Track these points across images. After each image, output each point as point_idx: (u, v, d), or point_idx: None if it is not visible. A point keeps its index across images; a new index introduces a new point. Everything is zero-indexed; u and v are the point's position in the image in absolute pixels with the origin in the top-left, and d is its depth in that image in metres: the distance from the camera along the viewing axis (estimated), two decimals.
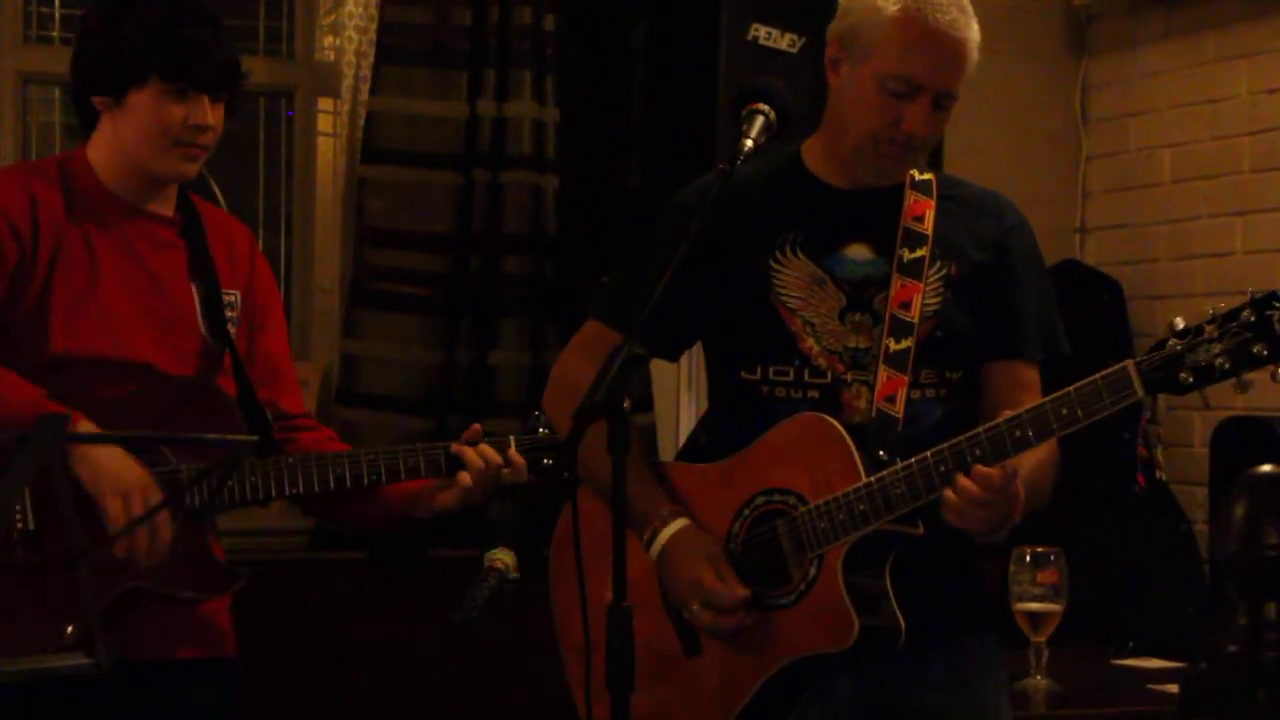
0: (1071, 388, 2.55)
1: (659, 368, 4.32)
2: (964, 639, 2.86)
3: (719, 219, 2.71)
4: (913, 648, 2.71)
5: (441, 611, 2.52)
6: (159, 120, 2.99)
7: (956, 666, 2.84)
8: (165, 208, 3.10)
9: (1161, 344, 2.52)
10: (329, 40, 4.78)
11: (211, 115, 3.02)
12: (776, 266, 2.80)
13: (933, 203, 2.83)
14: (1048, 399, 2.58)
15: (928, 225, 2.81)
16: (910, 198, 2.83)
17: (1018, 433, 2.58)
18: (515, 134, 4.56)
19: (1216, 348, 2.48)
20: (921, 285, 2.78)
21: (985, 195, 2.92)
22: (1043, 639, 3.71)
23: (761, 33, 4.24)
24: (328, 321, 4.80)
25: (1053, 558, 3.72)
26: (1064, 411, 2.55)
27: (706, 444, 2.91)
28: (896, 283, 2.78)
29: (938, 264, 2.80)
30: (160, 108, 2.99)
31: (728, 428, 2.85)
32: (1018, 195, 2.97)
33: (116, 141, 3.03)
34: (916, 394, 2.77)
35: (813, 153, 2.87)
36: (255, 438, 2.87)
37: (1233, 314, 2.48)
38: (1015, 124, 5.20)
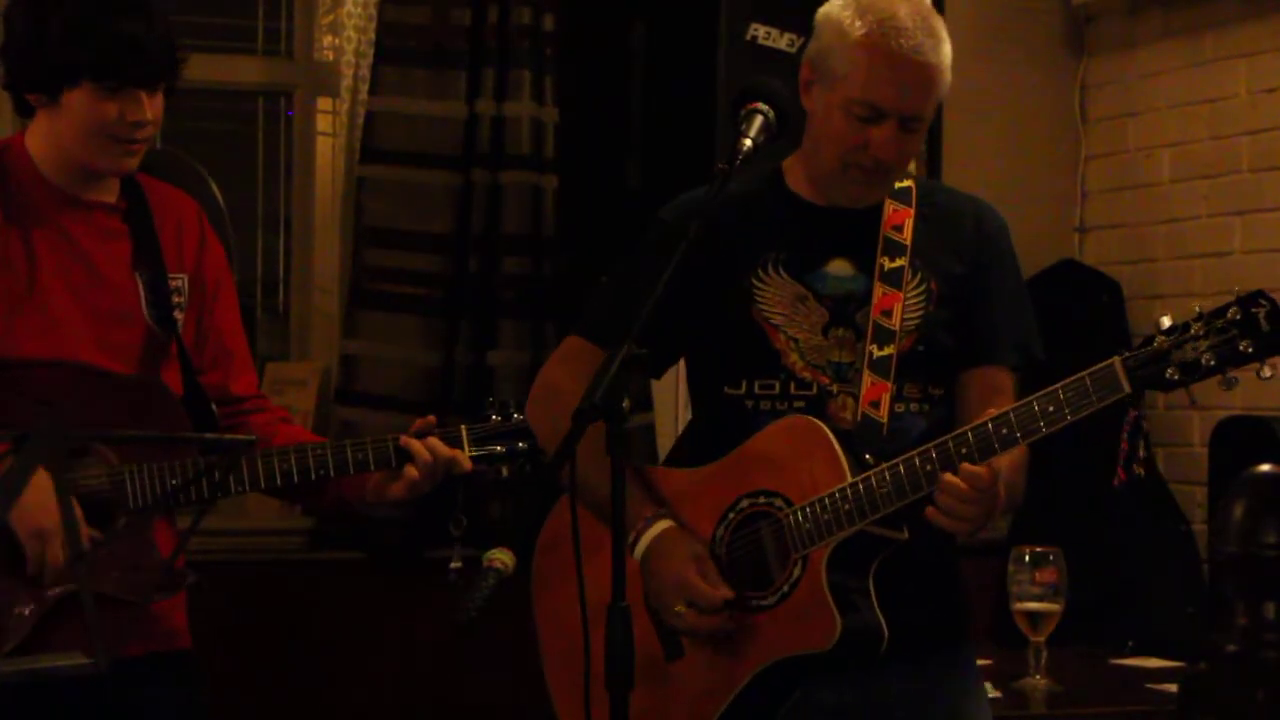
0: (1058, 385, 2.55)
1: None
2: (944, 651, 2.86)
3: (704, 233, 2.72)
4: (893, 658, 2.71)
5: (441, 611, 2.52)
6: (95, 119, 2.93)
7: (936, 678, 2.83)
8: (108, 195, 3.05)
9: (1148, 340, 2.52)
10: (328, 40, 4.78)
11: (149, 109, 2.95)
12: (758, 284, 2.80)
13: (911, 211, 2.83)
14: (1034, 396, 2.58)
15: (906, 235, 2.81)
16: (889, 207, 2.83)
17: (1004, 431, 2.58)
18: (514, 134, 4.57)
19: (1203, 344, 2.49)
20: (901, 295, 2.78)
21: (963, 201, 2.91)
22: (1042, 639, 3.71)
23: (760, 33, 4.24)
24: (328, 321, 4.80)
25: (1052, 558, 3.72)
26: (1050, 409, 2.55)
27: (690, 456, 2.90)
28: (878, 290, 2.78)
29: (918, 276, 2.80)
30: (95, 106, 2.92)
31: (713, 441, 2.84)
32: (1017, 195, 2.98)
33: (54, 136, 2.97)
34: (901, 407, 2.78)
35: (793, 171, 2.87)
36: (252, 439, 2.86)
37: (1219, 312, 2.49)
38: (1015, 124, 5.20)
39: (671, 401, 4.49)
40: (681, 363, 2.97)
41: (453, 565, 3.15)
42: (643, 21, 4.62)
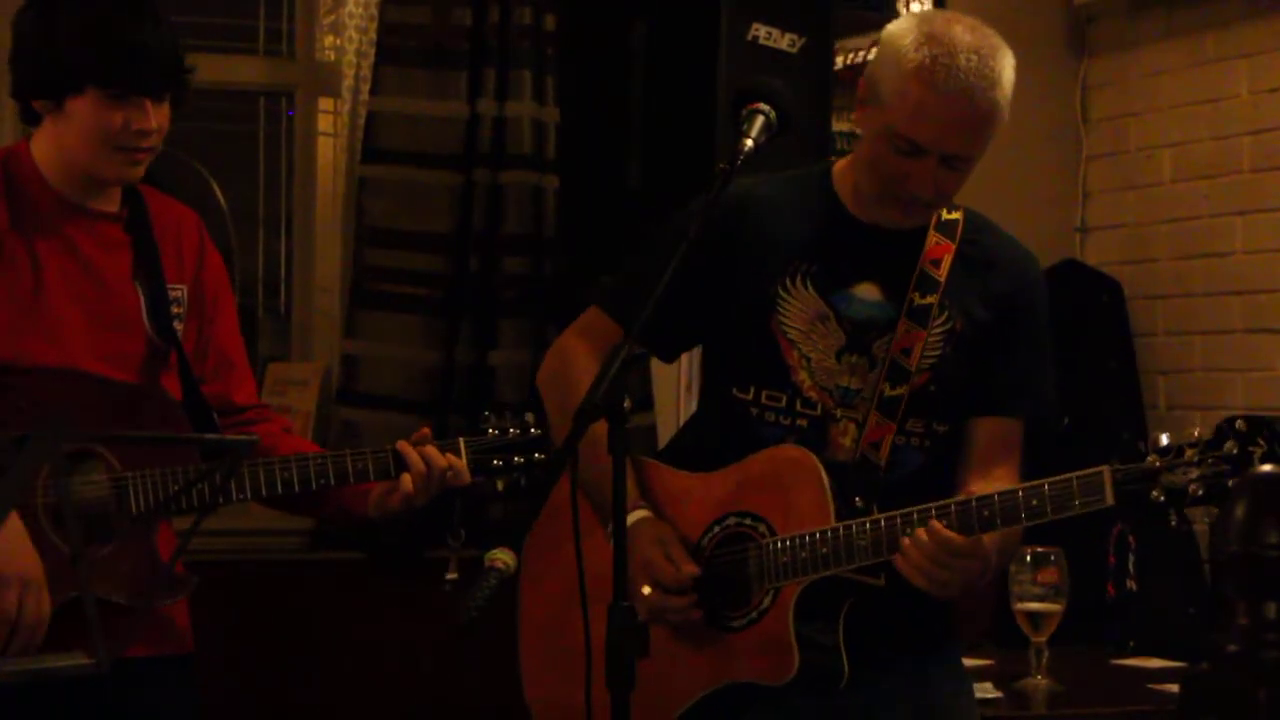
0: (1045, 481, 2.56)
1: (660, 367, 4.32)
2: (929, 654, 2.85)
3: (739, 229, 2.71)
4: (870, 666, 2.70)
5: (441, 611, 2.52)
6: (99, 127, 2.91)
7: (915, 679, 2.83)
8: (110, 204, 3.04)
9: (1141, 456, 2.52)
10: (329, 40, 4.78)
11: (154, 117, 2.93)
12: (783, 295, 2.78)
13: (953, 246, 2.80)
14: (1021, 486, 2.58)
15: (943, 271, 2.78)
16: (932, 239, 2.80)
17: (985, 513, 2.59)
18: (515, 134, 4.57)
19: (1194, 473, 2.48)
20: (925, 334, 2.76)
21: (1006, 247, 2.87)
22: (1043, 639, 3.71)
23: (761, 33, 4.23)
24: (328, 321, 4.80)
25: (1053, 558, 3.72)
26: (1034, 503, 2.56)
27: (691, 447, 2.90)
28: (902, 326, 2.76)
29: (945, 315, 2.78)
30: (100, 114, 2.91)
31: (714, 438, 2.85)
32: (1018, 195, 2.97)
33: (59, 143, 2.96)
34: (901, 440, 2.77)
35: (844, 177, 2.84)
36: (254, 438, 2.85)
37: (1215, 442, 2.48)
38: (1015, 124, 5.15)
39: (672, 401, 4.49)
40: (683, 361, 2.96)
41: (448, 576, 3.17)
42: (643, 21, 4.61)
